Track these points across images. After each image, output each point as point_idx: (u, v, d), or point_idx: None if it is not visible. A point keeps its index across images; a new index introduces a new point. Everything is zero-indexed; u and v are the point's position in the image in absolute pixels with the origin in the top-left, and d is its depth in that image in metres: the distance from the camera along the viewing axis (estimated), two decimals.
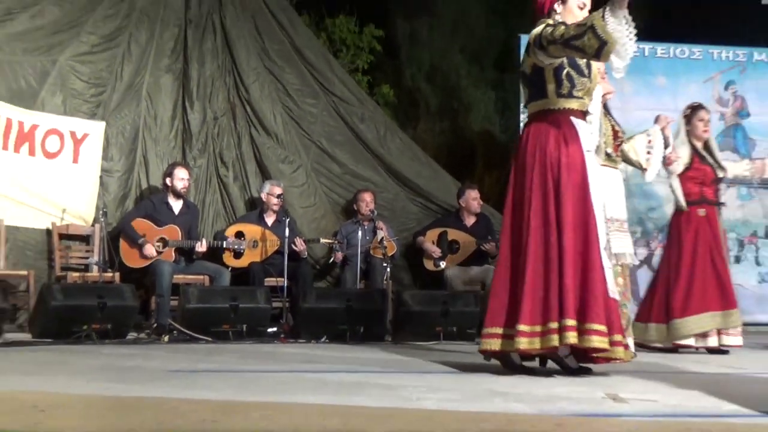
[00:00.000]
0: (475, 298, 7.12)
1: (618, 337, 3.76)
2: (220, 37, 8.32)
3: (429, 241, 7.86)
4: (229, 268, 7.21)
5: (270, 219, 7.57)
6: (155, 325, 6.52)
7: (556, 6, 3.95)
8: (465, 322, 6.80)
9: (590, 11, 3.88)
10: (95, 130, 7.60)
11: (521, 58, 9.21)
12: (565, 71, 3.88)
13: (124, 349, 5.53)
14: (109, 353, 5.16)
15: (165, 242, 7.02)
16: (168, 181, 7.29)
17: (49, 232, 7.23)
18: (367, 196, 7.87)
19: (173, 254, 7.04)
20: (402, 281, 7.83)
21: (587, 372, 3.83)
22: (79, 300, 5.96)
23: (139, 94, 7.96)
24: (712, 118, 6.96)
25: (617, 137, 5.53)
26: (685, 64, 9.02)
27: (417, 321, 6.72)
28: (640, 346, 6.00)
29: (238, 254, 7.31)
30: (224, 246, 7.28)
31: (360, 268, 7.43)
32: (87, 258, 7.28)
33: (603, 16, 3.58)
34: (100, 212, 7.12)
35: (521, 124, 9.13)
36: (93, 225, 7.35)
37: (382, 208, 7.95)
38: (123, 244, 7.08)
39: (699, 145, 6.33)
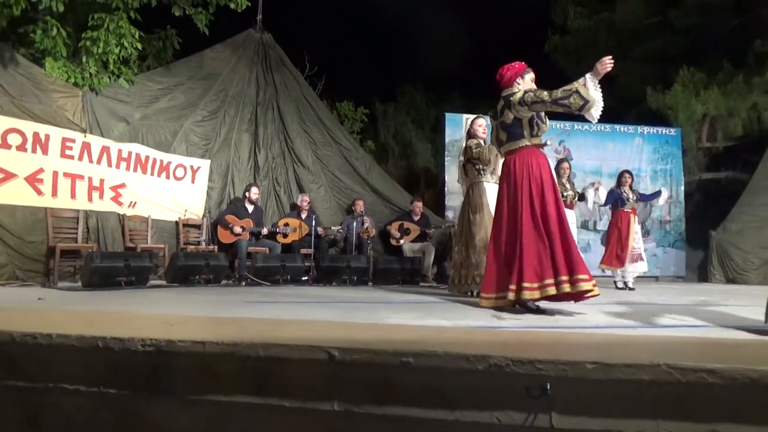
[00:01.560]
0: (419, 261, 7.16)
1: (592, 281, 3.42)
2: (277, 112, 8.31)
3: (393, 229, 7.85)
4: (280, 244, 7.16)
5: (303, 215, 7.53)
6: (237, 276, 6.47)
7: (518, 80, 3.69)
8: (414, 275, 6.83)
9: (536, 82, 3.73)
10: (204, 164, 7.59)
11: (445, 128, 9.33)
12: (534, 121, 3.63)
13: (219, 290, 5.50)
14: (210, 292, 5.12)
15: (243, 228, 6.97)
16: (247, 193, 7.28)
17: (177, 223, 7.18)
18: (360, 202, 7.87)
19: (248, 235, 6.99)
20: (378, 251, 7.81)
21: (545, 311, 3.44)
22: (193, 261, 5.92)
23: (229, 144, 7.94)
24: (551, 162, 6.97)
25: None
26: None
27: (386, 274, 6.72)
28: None
29: (285, 235, 7.27)
30: (277, 231, 7.24)
31: (354, 243, 7.43)
32: (199, 238, 7.23)
33: (584, 83, 3.39)
34: (207, 211, 7.09)
35: (446, 163, 9.19)
36: (202, 218, 7.31)
37: (367, 210, 7.93)
38: (219, 230, 7.03)
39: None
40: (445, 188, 9.14)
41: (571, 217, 6.56)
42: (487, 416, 1.57)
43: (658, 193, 7.42)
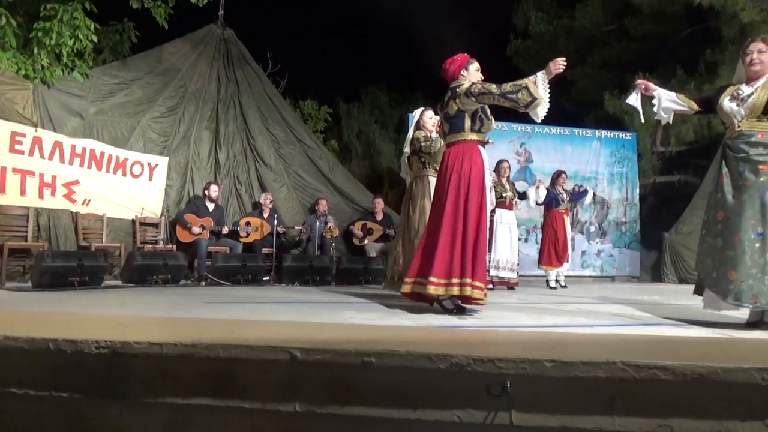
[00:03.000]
0: (382, 260, 7.17)
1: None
2: (239, 110, 8.21)
3: (356, 228, 7.84)
4: (242, 243, 7.06)
5: (266, 214, 7.45)
6: (197, 275, 6.36)
7: (463, 72, 3.62)
8: (377, 274, 6.83)
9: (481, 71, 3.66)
10: (162, 162, 7.44)
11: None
12: (478, 115, 3.52)
13: (178, 290, 5.38)
14: (169, 292, 5.01)
15: (203, 228, 6.85)
16: (206, 192, 7.16)
17: (133, 221, 7.00)
18: (323, 202, 7.81)
19: (208, 234, 6.87)
20: (341, 251, 7.79)
21: (462, 311, 3.39)
22: (150, 261, 5.80)
23: (189, 141, 7.83)
24: (513, 163, 7.09)
25: None
26: (500, 132, 9.19)
27: (349, 274, 6.71)
28: None
29: (246, 235, 7.17)
30: (238, 230, 7.14)
31: (317, 243, 7.38)
32: (156, 236, 7.07)
33: (534, 81, 3.34)
34: (165, 209, 6.95)
35: None
36: (160, 217, 7.15)
37: (330, 209, 7.90)
38: (178, 228, 6.90)
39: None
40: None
41: (511, 218, 6.63)
42: (448, 415, 1.58)
43: (584, 193, 7.62)
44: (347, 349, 1.64)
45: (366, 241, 7.70)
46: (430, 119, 4.85)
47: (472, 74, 3.64)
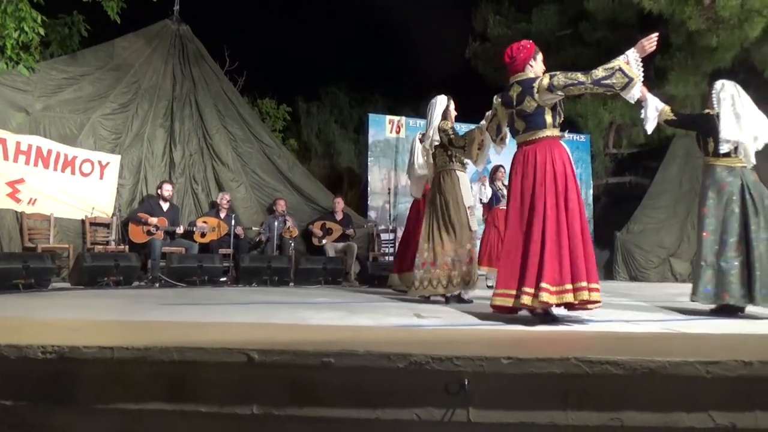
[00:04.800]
0: (342, 261, 7.16)
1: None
2: (195, 107, 8.03)
3: (316, 228, 7.80)
4: (198, 244, 6.92)
5: (223, 214, 7.33)
6: (150, 277, 6.19)
7: (531, 62, 3.35)
8: (336, 274, 6.82)
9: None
10: (114, 160, 7.20)
11: (368, 129, 9.36)
12: (557, 109, 3.29)
13: (130, 292, 5.24)
14: (120, 295, 4.87)
15: (157, 227, 6.69)
16: (159, 191, 7.00)
17: (83, 221, 6.76)
18: (281, 202, 7.74)
19: (162, 234, 6.71)
20: (300, 251, 7.73)
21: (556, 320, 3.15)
22: (101, 262, 5.62)
23: (142, 139, 7.59)
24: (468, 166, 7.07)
25: None
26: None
27: (308, 274, 6.67)
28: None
29: (203, 235, 7.03)
30: (195, 230, 7.00)
31: (276, 243, 7.31)
32: (108, 237, 6.85)
33: (626, 61, 3.12)
34: (117, 209, 6.75)
35: (369, 163, 9.25)
36: (112, 217, 6.94)
37: (289, 209, 7.83)
38: (131, 228, 6.71)
39: None
40: (368, 188, 9.19)
41: None
42: (407, 413, 1.59)
43: None
44: (306, 350, 1.64)
45: (325, 241, 7.66)
46: (454, 111, 4.55)
47: (539, 65, 3.42)
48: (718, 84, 3.83)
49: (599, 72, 3.12)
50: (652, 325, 3.07)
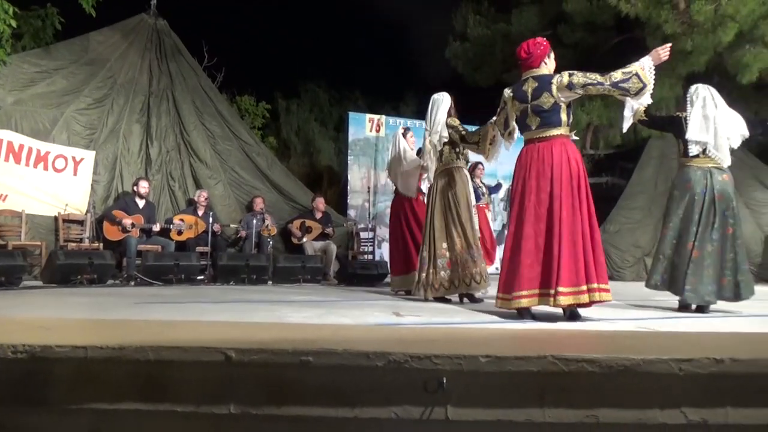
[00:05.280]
0: (321, 259, 7.15)
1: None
2: (172, 103, 7.93)
3: (294, 227, 7.76)
4: (174, 242, 6.84)
5: (200, 211, 7.25)
6: (126, 275, 6.11)
7: (546, 60, 3.37)
8: (315, 273, 6.81)
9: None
10: (89, 156, 7.09)
11: (348, 127, 9.33)
12: (571, 108, 3.31)
13: (105, 290, 5.16)
14: (94, 293, 4.79)
15: (133, 225, 6.59)
16: (135, 188, 6.92)
17: (56, 218, 6.65)
18: (260, 200, 7.71)
19: (138, 232, 6.62)
20: (279, 249, 7.69)
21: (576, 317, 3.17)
22: (75, 260, 5.56)
23: (118, 135, 7.49)
24: None
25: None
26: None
27: (287, 272, 6.65)
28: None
29: (180, 232, 6.95)
30: (171, 227, 6.91)
31: (254, 241, 7.27)
32: (81, 234, 6.73)
33: (642, 67, 3.16)
34: (91, 206, 6.65)
35: (349, 162, 9.24)
36: (86, 214, 6.82)
37: (268, 207, 7.80)
38: (105, 226, 6.60)
39: None
40: (348, 187, 9.18)
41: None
42: (385, 412, 1.59)
43: (499, 186, 7.76)
44: (284, 349, 1.63)
45: (304, 240, 7.63)
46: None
47: (551, 63, 3.43)
48: (692, 87, 3.96)
49: (618, 75, 3.17)
50: (627, 324, 3.12)
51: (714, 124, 3.75)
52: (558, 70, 3.39)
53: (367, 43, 12.72)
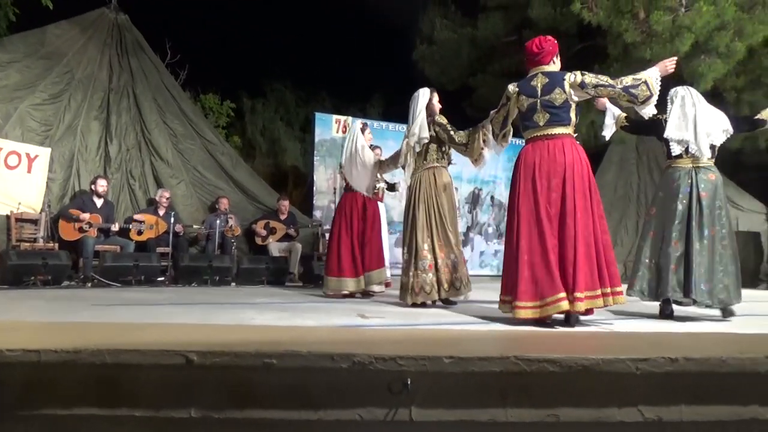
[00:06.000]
0: (285, 260, 7.09)
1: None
2: (132, 100, 7.74)
3: (259, 227, 7.67)
4: (134, 242, 6.67)
5: (161, 211, 7.09)
6: (82, 276, 5.93)
7: (554, 59, 3.32)
8: (280, 274, 6.75)
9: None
10: (44, 153, 6.85)
11: (315, 128, 9.26)
12: (579, 107, 3.26)
13: (60, 292, 4.99)
14: (49, 295, 4.63)
15: (90, 224, 6.41)
16: (93, 186, 6.70)
17: (8, 217, 6.38)
18: (224, 200, 7.59)
19: (95, 232, 6.44)
20: (243, 250, 7.59)
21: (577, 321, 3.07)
22: (28, 260, 5.38)
23: (75, 132, 7.25)
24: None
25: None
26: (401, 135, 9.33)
27: (251, 274, 6.58)
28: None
29: (140, 232, 6.79)
30: (131, 227, 6.75)
31: (218, 242, 7.15)
32: (35, 234, 6.50)
33: (650, 76, 3.15)
34: (46, 204, 6.43)
35: (315, 163, 9.18)
36: (40, 213, 6.59)
37: (232, 207, 7.68)
38: (61, 225, 6.39)
39: None
40: (314, 188, 9.13)
41: (381, 209, 5.94)
42: (350, 414, 1.59)
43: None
44: (247, 351, 1.61)
45: (269, 241, 7.56)
46: (438, 104, 4.30)
47: (558, 63, 3.35)
48: (672, 90, 3.96)
49: (628, 80, 3.16)
50: (586, 325, 3.19)
51: (693, 121, 3.76)
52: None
53: (334, 44, 12.67)
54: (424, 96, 4.28)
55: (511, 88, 3.40)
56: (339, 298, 4.82)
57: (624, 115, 4.04)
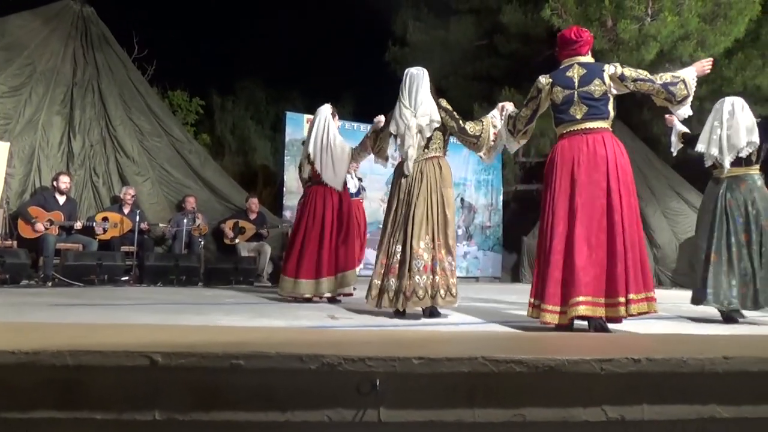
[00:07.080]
0: (254, 260, 7.03)
1: None
2: (97, 95, 7.60)
3: (227, 227, 7.58)
4: (97, 240, 6.51)
5: (126, 209, 6.95)
6: (42, 275, 5.77)
7: (589, 52, 3.17)
8: (248, 275, 6.69)
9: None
10: (2, 147, 6.63)
11: (285, 127, 9.19)
12: (614, 102, 3.10)
13: (18, 292, 4.85)
14: (7, 294, 4.49)
15: (51, 222, 6.23)
16: (55, 183, 6.56)
17: None
18: (191, 199, 7.50)
19: (57, 230, 6.27)
20: (211, 250, 7.49)
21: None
22: None
23: (36, 126, 7.10)
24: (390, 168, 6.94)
25: None
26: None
27: (219, 274, 6.51)
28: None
29: (103, 231, 6.63)
30: (94, 225, 6.59)
31: (185, 241, 7.04)
32: None
33: (687, 75, 3.05)
34: (5, 201, 6.24)
35: (285, 162, 9.11)
36: None
37: (200, 206, 7.58)
38: (20, 223, 6.21)
39: None
40: (284, 187, 9.07)
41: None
42: (318, 415, 1.58)
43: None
44: (214, 352, 1.58)
45: (237, 241, 7.47)
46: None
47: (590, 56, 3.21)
48: (719, 101, 4.02)
49: (667, 77, 3.06)
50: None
51: (719, 133, 3.85)
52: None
53: (306, 44, 12.61)
54: (425, 74, 3.79)
55: (543, 79, 3.22)
56: (300, 302, 4.40)
57: (684, 130, 4.15)
